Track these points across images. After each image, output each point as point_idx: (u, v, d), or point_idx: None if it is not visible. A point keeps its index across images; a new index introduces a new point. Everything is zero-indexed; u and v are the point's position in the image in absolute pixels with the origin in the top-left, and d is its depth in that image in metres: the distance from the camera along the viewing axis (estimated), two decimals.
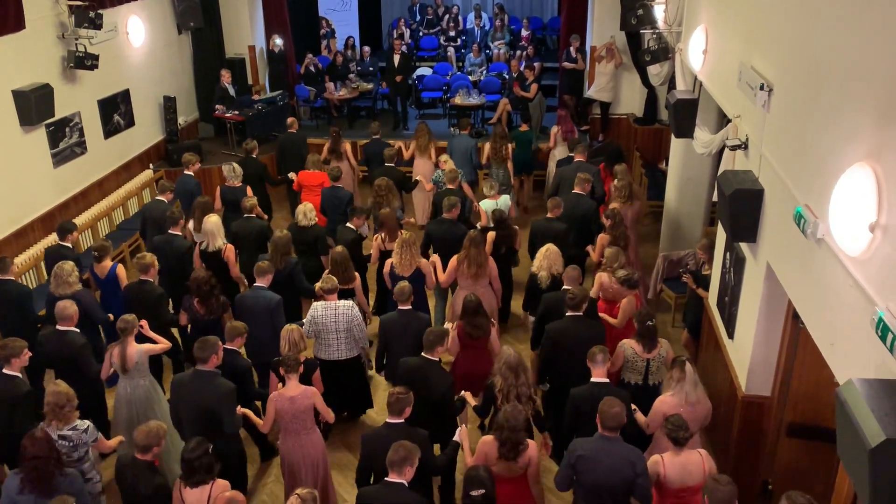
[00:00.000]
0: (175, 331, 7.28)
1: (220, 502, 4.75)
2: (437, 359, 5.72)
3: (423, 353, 5.73)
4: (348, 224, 8.07)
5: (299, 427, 5.63)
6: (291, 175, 10.24)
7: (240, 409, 5.68)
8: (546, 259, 7.11)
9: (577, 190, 8.54)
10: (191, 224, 8.43)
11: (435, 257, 7.72)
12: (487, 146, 10.79)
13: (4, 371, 5.60)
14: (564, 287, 6.66)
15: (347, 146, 10.96)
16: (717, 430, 6.42)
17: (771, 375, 5.53)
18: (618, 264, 6.94)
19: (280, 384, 5.83)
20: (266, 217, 9.19)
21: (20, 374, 5.71)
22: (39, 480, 4.75)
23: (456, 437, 5.29)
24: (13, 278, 7.18)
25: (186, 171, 9.45)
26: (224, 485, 4.84)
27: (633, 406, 5.49)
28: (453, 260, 7.32)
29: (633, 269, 7.00)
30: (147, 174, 11.84)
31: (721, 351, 6.29)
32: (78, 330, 6.25)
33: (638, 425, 5.48)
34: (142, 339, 6.44)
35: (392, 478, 4.49)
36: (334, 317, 6.51)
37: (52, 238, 9.44)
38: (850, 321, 3.62)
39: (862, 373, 3.30)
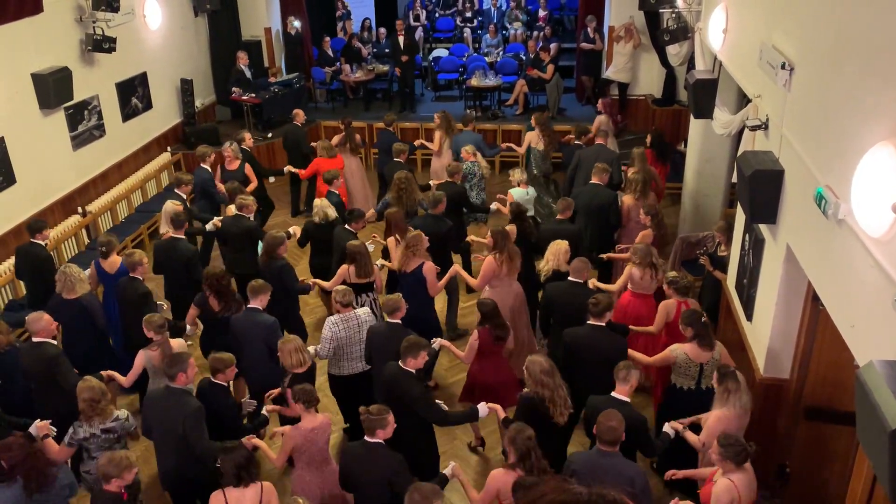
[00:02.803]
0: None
1: None
2: (411, 370, 5.40)
3: (398, 362, 5.45)
4: (347, 227, 7.65)
5: (321, 460, 5.28)
6: (288, 168, 10.18)
7: (251, 440, 5.29)
8: (554, 256, 6.85)
9: (594, 180, 8.33)
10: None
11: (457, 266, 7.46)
12: (534, 134, 10.30)
13: None
14: (571, 279, 6.44)
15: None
16: None
17: (789, 358, 5.49)
18: (650, 259, 6.77)
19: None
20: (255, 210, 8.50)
21: None
22: (40, 478, 4.73)
23: (448, 472, 4.91)
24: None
25: (202, 164, 9.37)
26: None
27: (682, 424, 5.33)
28: (490, 259, 6.95)
29: (683, 274, 6.56)
30: (165, 157, 11.90)
31: (739, 333, 6.25)
32: (54, 342, 5.99)
33: (678, 441, 5.31)
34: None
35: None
36: (357, 327, 6.17)
37: (74, 220, 9.56)
38: (872, 303, 3.58)
39: (883, 354, 3.25)
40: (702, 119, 7.89)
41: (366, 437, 4.86)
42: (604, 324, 5.88)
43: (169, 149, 12.14)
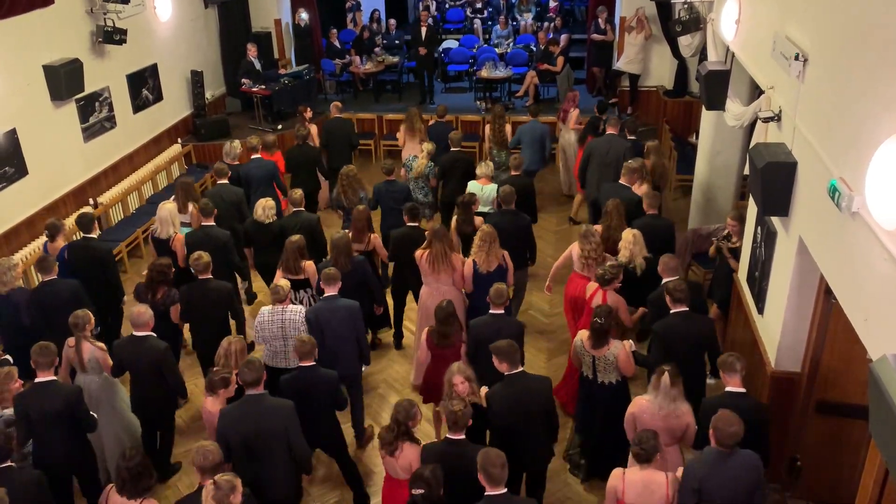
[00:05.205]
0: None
1: None
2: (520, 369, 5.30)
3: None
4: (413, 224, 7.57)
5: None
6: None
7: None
8: (636, 245, 6.74)
9: (622, 181, 8.20)
10: (171, 204, 8.01)
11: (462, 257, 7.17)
12: (487, 127, 10.41)
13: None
14: (665, 280, 6.13)
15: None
16: None
17: (801, 351, 5.46)
18: (595, 240, 6.85)
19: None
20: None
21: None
22: None
23: None
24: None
25: (258, 155, 9.28)
26: None
27: None
28: (421, 253, 6.97)
29: (615, 267, 6.43)
30: (175, 148, 11.94)
31: (750, 326, 6.22)
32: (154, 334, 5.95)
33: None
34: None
35: None
36: (280, 323, 6.23)
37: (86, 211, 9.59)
38: (885, 296, 3.55)
39: None
40: (714, 111, 7.83)
41: (449, 435, 4.74)
42: (688, 308, 5.83)
43: (179, 140, 12.17)
